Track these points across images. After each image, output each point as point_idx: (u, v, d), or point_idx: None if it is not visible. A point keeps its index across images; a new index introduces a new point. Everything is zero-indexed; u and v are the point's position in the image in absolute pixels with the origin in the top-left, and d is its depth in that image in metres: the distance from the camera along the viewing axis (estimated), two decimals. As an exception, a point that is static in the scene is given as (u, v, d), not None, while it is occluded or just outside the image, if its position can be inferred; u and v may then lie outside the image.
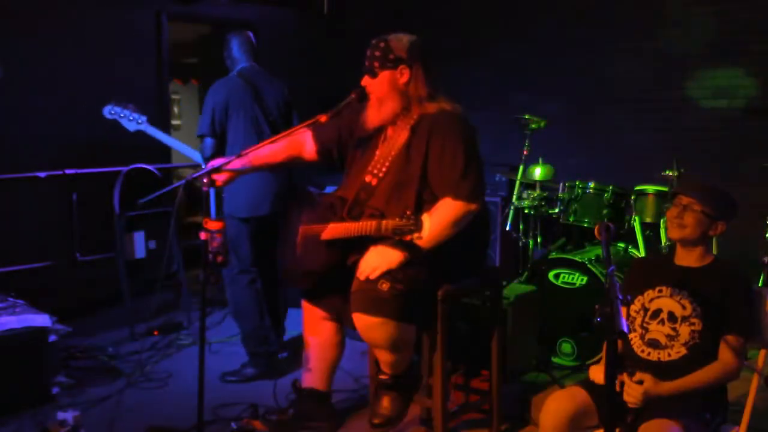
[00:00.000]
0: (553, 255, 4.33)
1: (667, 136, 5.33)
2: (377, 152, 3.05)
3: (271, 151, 3.20)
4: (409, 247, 2.81)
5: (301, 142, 3.27)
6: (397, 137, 2.99)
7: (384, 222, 2.74)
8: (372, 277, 2.78)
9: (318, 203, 3.14)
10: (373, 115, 3.02)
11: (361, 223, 2.87)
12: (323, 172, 4.37)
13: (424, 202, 2.92)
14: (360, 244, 2.91)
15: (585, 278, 4.11)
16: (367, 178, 3.01)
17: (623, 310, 2.13)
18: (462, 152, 2.86)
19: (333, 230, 2.96)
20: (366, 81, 3.00)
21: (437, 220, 2.79)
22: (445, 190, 2.87)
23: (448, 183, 2.86)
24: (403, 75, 2.96)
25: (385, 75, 2.95)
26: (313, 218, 3.11)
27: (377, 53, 2.96)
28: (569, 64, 5.79)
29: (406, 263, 2.82)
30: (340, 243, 2.96)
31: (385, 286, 2.76)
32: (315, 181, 4.61)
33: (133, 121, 4.20)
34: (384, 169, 2.99)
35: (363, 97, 3.02)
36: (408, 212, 2.65)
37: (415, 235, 2.63)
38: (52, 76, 5.19)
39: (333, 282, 3.06)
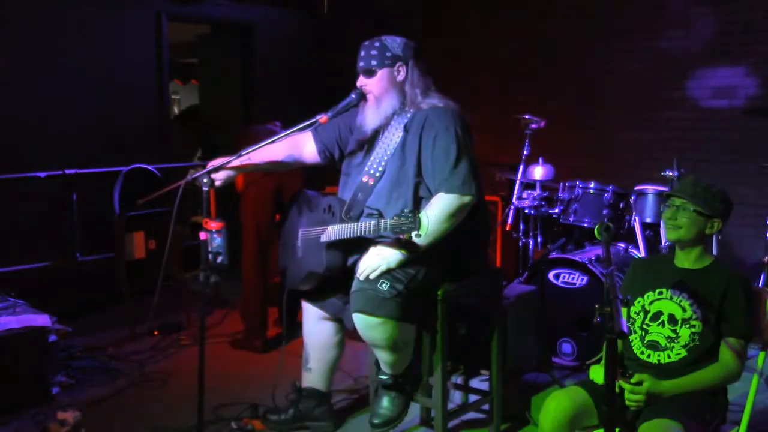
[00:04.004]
0: (553, 255, 4.33)
1: (667, 136, 5.33)
2: (374, 152, 3.05)
3: (271, 151, 3.20)
4: (408, 246, 2.82)
5: (301, 143, 3.27)
6: (392, 137, 3.01)
7: (382, 221, 2.75)
8: (372, 277, 2.78)
9: (316, 205, 3.14)
10: (372, 114, 3.03)
11: (359, 223, 2.87)
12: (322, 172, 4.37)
13: (421, 199, 2.94)
14: (359, 245, 2.91)
15: (585, 278, 4.11)
16: (365, 179, 3.02)
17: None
18: (452, 145, 2.87)
19: (332, 232, 2.96)
20: (363, 80, 3.02)
21: (432, 215, 2.78)
22: (437, 184, 2.88)
23: (440, 176, 2.87)
24: (400, 72, 3.00)
25: (383, 72, 2.98)
26: (312, 220, 3.12)
27: (374, 52, 2.98)
28: (569, 64, 5.78)
29: (405, 262, 2.83)
30: (340, 244, 2.96)
31: (384, 286, 2.77)
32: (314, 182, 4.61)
33: None
34: (381, 169, 2.99)
35: (361, 97, 3.03)
36: (406, 210, 2.65)
37: (414, 232, 2.63)
38: (51, 75, 5.19)
39: (333, 282, 3.06)
